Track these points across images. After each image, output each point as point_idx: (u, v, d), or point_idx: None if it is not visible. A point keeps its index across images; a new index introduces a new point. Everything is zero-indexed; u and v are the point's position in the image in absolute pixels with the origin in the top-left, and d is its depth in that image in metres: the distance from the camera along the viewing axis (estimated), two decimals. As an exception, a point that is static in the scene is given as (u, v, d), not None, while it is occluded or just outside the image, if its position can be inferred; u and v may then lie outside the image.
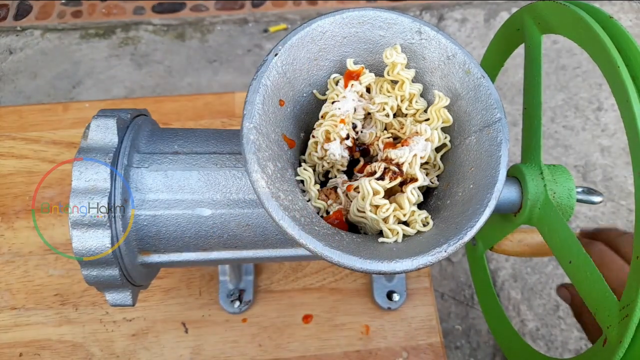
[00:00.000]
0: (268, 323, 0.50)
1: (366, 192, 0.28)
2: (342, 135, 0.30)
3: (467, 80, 0.30)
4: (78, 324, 0.49)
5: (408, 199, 0.28)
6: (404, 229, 0.28)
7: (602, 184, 1.07)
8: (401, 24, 0.31)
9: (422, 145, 0.29)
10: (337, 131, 0.30)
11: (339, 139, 0.30)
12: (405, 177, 0.29)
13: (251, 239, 0.34)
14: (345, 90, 0.31)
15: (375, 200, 0.28)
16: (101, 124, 0.32)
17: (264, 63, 0.28)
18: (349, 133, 0.31)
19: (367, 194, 0.28)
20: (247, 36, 1.29)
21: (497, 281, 0.94)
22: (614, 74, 0.27)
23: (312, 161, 0.32)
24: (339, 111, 0.31)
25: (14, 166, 0.55)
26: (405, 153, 0.28)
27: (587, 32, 0.29)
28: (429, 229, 0.28)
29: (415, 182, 0.29)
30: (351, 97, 0.31)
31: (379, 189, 0.28)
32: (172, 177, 0.32)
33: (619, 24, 0.28)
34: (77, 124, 0.58)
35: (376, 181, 0.28)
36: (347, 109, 0.31)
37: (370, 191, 0.28)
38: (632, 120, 0.26)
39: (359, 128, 0.32)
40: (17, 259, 0.51)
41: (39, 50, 1.27)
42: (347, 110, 0.31)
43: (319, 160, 0.32)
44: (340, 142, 0.31)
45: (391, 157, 0.29)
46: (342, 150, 0.31)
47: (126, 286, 0.33)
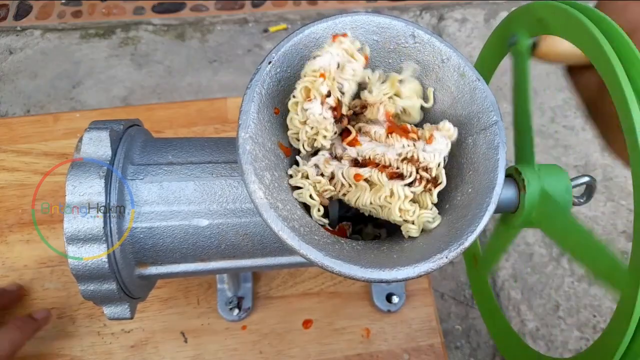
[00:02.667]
0: (268, 330, 0.49)
1: (398, 196, 0.27)
2: (323, 92, 0.27)
3: (463, 84, 0.30)
4: (76, 337, 0.48)
5: (432, 201, 0.28)
6: (424, 222, 0.28)
7: (602, 184, 1.08)
8: (394, 28, 0.31)
9: (445, 144, 0.28)
10: (317, 87, 0.27)
11: (319, 98, 0.27)
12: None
13: (249, 248, 0.34)
14: (329, 45, 0.28)
15: (404, 204, 0.28)
16: (94, 137, 0.31)
17: (258, 71, 0.28)
18: (330, 91, 0.27)
19: (398, 198, 0.27)
20: (247, 36, 1.29)
21: (497, 281, 0.94)
22: (611, 74, 0.27)
23: (294, 127, 0.29)
24: (318, 64, 0.27)
25: (6, 179, 0.55)
26: (436, 157, 0.28)
27: (583, 32, 0.29)
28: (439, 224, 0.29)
29: (440, 186, 0.28)
30: (335, 52, 0.28)
31: (410, 195, 0.28)
32: (168, 188, 0.32)
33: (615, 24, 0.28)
34: (69, 134, 0.58)
35: (409, 187, 0.28)
36: (329, 63, 0.28)
37: (402, 196, 0.27)
38: (629, 120, 0.26)
39: (347, 88, 0.28)
40: (11, 273, 0.50)
41: (39, 50, 1.27)
42: (329, 64, 0.27)
43: (301, 126, 0.28)
44: (321, 102, 0.27)
45: (418, 159, 0.28)
46: (324, 111, 0.27)
47: (124, 299, 0.33)
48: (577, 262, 0.35)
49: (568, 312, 0.90)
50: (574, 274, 0.97)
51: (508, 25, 0.41)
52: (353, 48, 0.28)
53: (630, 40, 0.27)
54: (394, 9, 1.33)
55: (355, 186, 0.29)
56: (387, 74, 0.31)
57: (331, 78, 0.27)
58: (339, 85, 0.28)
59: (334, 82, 0.28)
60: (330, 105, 0.28)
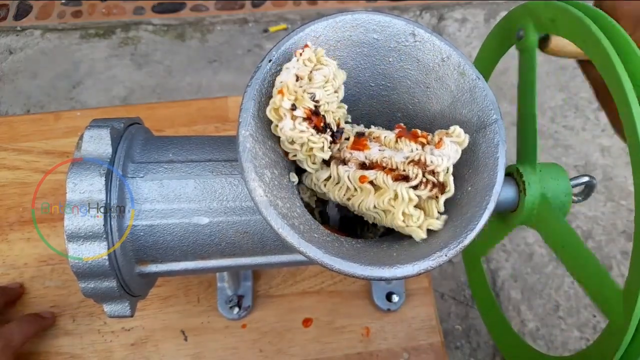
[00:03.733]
0: (268, 328, 0.49)
1: (402, 198, 0.26)
2: (286, 107, 0.27)
3: (463, 82, 0.30)
4: (76, 336, 0.48)
5: (438, 209, 0.27)
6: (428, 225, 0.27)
7: (602, 184, 1.08)
8: (395, 27, 0.31)
9: (454, 150, 0.27)
10: (278, 104, 0.27)
11: (288, 114, 0.27)
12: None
13: (249, 246, 0.34)
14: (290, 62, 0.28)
15: (409, 208, 0.27)
16: (94, 135, 0.31)
17: (258, 69, 0.28)
18: (295, 103, 0.27)
19: (402, 201, 0.26)
20: (247, 36, 1.29)
21: (497, 281, 0.94)
22: (612, 72, 0.27)
23: (288, 149, 0.28)
24: (277, 83, 0.27)
25: (7, 178, 0.55)
26: (444, 161, 0.26)
27: (583, 31, 0.29)
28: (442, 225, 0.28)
29: (448, 194, 0.27)
30: (292, 66, 0.27)
31: (415, 199, 0.26)
32: (168, 186, 0.32)
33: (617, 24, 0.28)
34: (69, 133, 0.58)
35: (414, 190, 0.26)
36: (286, 78, 0.27)
37: (406, 198, 0.26)
38: (630, 119, 0.26)
39: (321, 95, 0.28)
40: (12, 271, 0.50)
41: (39, 50, 1.27)
42: (286, 79, 0.27)
43: (290, 146, 0.28)
44: (291, 117, 0.27)
45: (425, 162, 0.27)
46: (297, 124, 0.27)
47: (124, 297, 0.33)
48: (567, 269, 0.35)
49: (568, 312, 0.90)
50: (574, 274, 0.97)
51: (507, 25, 0.41)
52: (317, 55, 0.28)
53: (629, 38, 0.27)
54: (395, 9, 1.33)
55: (361, 190, 0.28)
56: None
57: (291, 92, 0.27)
58: (311, 94, 0.27)
59: (298, 94, 0.27)
60: (301, 117, 0.27)
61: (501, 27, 0.42)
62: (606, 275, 0.31)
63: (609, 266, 0.99)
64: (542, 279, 0.94)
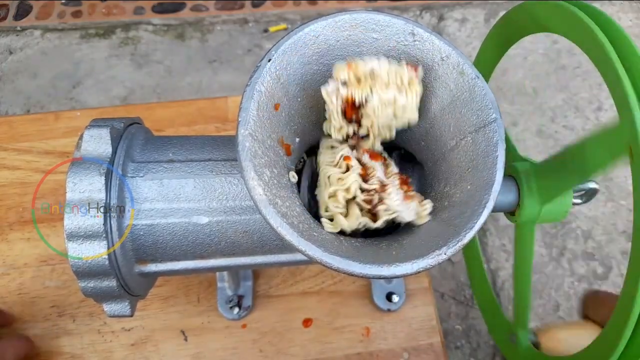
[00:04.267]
0: (268, 328, 0.49)
1: (346, 183, 0.29)
2: (340, 77, 0.28)
3: (462, 81, 0.30)
4: (76, 335, 0.48)
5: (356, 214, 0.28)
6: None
7: (602, 184, 1.08)
8: (394, 26, 0.31)
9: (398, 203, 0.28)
10: (337, 69, 0.28)
11: (337, 80, 0.28)
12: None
13: (249, 246, 0.34)
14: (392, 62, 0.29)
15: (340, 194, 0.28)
16: (94, 134, 0.31)
17: (258, 69, 0.28)
18: (347, 82, 0.28)
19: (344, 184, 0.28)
20: (247, 36, 1.29)
21: (497, 281, 0.94)
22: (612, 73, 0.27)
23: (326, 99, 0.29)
24: (367, 61, 0.29)
25: (7, 177, 0.55)
26: (392, 208, 0.28)
27: (583, 31, 0.29)
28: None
29: (372, 224, 0.28)
30: (384, 66, 0.29)
31: (352, 192, 0.28)
32: (168, 186, 0.32)
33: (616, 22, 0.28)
34: (69, 133, 0.58)
35: (360, 189, 0.28)
36: (368, 67, 0.28)
37: (348, 184, 0.28)
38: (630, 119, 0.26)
39: (371, 101, 0.29)
40: (12, 271, 0.50)
41: (39, 50, 1.27)
42: (366, 67, 0.28)
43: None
44: (335, 85, 0.28)
45: (382, 200, 0.28)
46: (332, 92, 0.29)
47: (124, 297, 0.33)
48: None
49: (568, 312, 0.90)
50: (574, 274, 0.97)
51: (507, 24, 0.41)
52: (415, 79, 0.29)
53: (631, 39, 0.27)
54: (395, 9, 1.33)
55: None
56: None
57: (357, 76, 0.28)
58: (367, 94, 0.28)
59: (359, 81, 0.28)
60: (341, 93, 0.28)
61: (500, 28, 0.42)
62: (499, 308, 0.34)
63: (609, 266, 0.99)
64: (542, 279, 0.94)
